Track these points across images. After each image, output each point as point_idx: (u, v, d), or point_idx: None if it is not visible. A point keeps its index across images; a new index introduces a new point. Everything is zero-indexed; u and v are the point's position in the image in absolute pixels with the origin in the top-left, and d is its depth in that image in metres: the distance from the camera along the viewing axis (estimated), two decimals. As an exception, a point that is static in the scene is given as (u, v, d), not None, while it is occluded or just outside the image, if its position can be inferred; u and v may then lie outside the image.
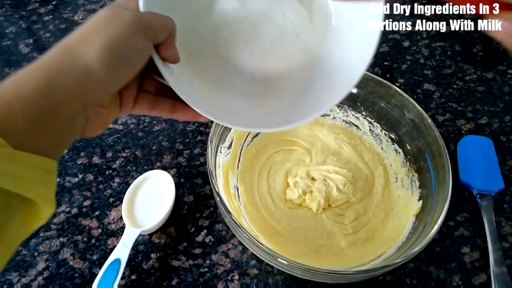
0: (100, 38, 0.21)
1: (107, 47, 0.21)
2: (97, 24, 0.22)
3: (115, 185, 0.48)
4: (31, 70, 0.21)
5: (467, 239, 0.44)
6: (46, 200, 0.20)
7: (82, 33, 0.22)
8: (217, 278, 0.40)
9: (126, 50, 0.22)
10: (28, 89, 0.20)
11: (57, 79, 0.21)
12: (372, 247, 0.41)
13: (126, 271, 0.41)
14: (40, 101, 0.20)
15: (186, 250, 0.42)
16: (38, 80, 0.20)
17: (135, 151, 0.51)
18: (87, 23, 0.23)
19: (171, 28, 0.25)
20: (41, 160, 0.20)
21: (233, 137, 0.46)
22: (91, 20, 0.23)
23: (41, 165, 0.20)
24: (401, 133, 0.46)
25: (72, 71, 0.21)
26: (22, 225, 0.20)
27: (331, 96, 0.30)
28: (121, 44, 0.22)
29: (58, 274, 0.40)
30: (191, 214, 0.45)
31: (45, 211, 0.21)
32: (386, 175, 0.47)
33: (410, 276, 0.41)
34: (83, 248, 0.42)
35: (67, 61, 0.21)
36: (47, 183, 0.20)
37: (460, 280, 0.41)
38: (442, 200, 0.37)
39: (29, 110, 0.19)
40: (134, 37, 0.22)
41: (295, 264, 0.32)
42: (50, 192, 0.21)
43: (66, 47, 0.22)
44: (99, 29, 0.22)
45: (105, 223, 0.44)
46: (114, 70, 0.22)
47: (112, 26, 0.22)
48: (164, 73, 0.26)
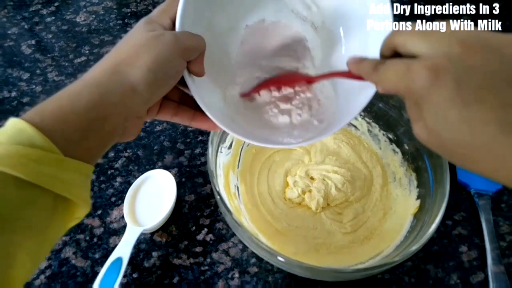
0: (145, 59, 0.24)
1: (151, 69, 0.24)
2: (140, 44, 0.24)
3: (117, 185, 0.48)
4: (85, 86, 0.23)
5: (465, 238, 0.44)
6: (84, 201, 0.23)
7: (128, 52, 0.24)
8: (217, 276, 0.41)
9: (167, 71, 0.25)
10: (82, 103, 0.22)
11: (107, 96, 0.23)
12: (370, 245, 0.42)
13: (128, 269, 0.41)
14: (91, 115, 0.22)
15: (187, 248, 0.43)
16: (91, 96, 0.22)
17: (137, 151, 0.52)
18: (129, 42, 0.25)
19: (202, 48, 0.27)
20: (84, 166, 0.22)
21: (234, 137, 0.47)
22: (133, 39, 0.25)
23: (83, 170, 0.22)
24: (399, 133, 0.47)
25: (120, 90, 0.23)
26: (61, 224, 0.23)
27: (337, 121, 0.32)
28: (163, 66, 0.24)
29: (60, 272, 0.41)
30: (192, 213, 0.46)
31: (81, 211, 0.23)
32: (384, 174, 0.48)
33: (408, 274, 0.41)
34: (85, 247, 0.43)
35: (116, 79, 0.23)
36: (85, 186, 0.23)
37: (458, 278, 0.41)
38: (440, 200, 0.37)
39: (81, 122, 0.22)
40: (174, 60, 0.25)
41: (295, 262, 0.32)
42: (87, 194, 0.23)
43: (114, 65, 0.24)
44: (143, 50, 0.24)
45: (107, 222, 0.45)
46: (155, 89, 0.25)
47: (155, 48, 0.24)
48: (190, 84, 0.28)
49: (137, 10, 0.74)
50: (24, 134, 0.20)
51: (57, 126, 0.21)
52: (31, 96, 0.59)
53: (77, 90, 0.23)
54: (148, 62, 0.24)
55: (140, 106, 0.25)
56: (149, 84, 0.24)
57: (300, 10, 0.34)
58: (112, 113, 0.23)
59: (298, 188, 0.45)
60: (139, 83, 0.24)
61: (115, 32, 0.70)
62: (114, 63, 0.24)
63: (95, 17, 0.73)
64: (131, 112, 0.24)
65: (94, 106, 0.22)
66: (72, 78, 0.61)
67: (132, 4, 0.76)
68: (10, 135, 0.20)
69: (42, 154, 0.20)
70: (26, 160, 0.19)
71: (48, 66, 0.63)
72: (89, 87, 0.23)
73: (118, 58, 0.24)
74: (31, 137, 0.20)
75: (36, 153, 0.20)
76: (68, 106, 0.22)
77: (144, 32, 0.25)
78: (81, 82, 0.23)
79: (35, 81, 0.61)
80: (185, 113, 0.30)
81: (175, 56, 0.25)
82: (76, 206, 0.23)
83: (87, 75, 0.24)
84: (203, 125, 0.31)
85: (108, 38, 0.68)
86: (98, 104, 0.22)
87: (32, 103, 0.58)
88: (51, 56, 0.65)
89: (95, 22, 0.72)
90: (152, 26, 0.26)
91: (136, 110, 0.25)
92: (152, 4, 0.76)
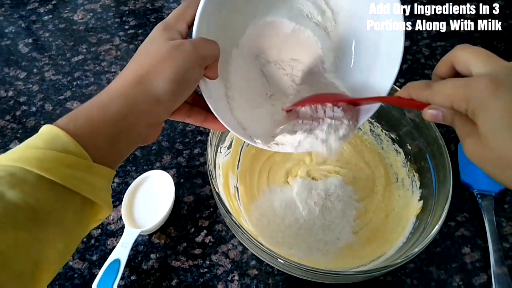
0: (168, 71, 0.25)
1: (173, 80, 0.25)
2: (162, 54, 0.25)
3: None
4: (112, 97, 0.24)
5: (467, 239, 0.44)
6: (107, 204, 0.24)
7: (151, 62, 0.25)
8: (217, 279, 0.40)
9: (187, 80, 0.26)
10: (110, 115, 0.24)
11: (134, 107, 0.25)
12: (372, 247, 0.41)
13: (126, 271, 0.40)
14: (119, 124, 0.24)
15: (186, 250, 0.42)
16: (119, 108, 0.24)
17: (135, 151, 0.51)
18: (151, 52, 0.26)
19: (217, 54, 0.29)
20: (109, 172, 0.24)
21: (233, 137, 0.46)
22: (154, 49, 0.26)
23: (108, 175, 0.24)
24: (401, 133, 0.46)
25: (146, 100, 0.25)
26: (85, 224, 0.24)
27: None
28: (184, 76, 0.26)
29: (58, 274, 0.40)
30: (191, 215, 0.45)
31: (103, 213, 0.25)
32: (386, 175, 0.47)
33: (410, 276, 0.41)
34: (83, 249, 0.42)
35: (141, 90, 0.25)
36: (108, 190, 0.25)
37: (461, 280, 0.41)
38: (443, 200, 0.37)
39: (110, 131, 0.24)
40: (194, 69, 0.26)
41: (295, 264, 0.32)
42: (109, 197, 0.25)
43: (139, 77, 0.25)
44: (165, 61, 0.25)
45: (104, 223, 0.44)
46: (177, 97, 0.27)
47: (177, 59, 0.25)
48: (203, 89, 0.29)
49: (135, 8, 0.74)
50: (59, 140, 0.22)
51: (88, 135, 0.23)
52: (28, 95, 0.58)
53: (106, 101, 0.24)
54: (171, 74, 0.25)
55: (163, 114, 0.27)
56: (173, 94, 0.26)
57: (314, 14, 0.34)
58: (137, 122, 0.25)
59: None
60: (163, 94, 0.25)
61: (112, 31, 0.69)
62: (139, 74, 0.25)
63: (93, 15, 0.72)
64: (155, 120, 0.26)
65: (122, 117, 0.24)
66: (69, 77, 0.61)
67: (130, 2, 0.75)
68: (46, 141, 0.22)
69: (74, 160, 0.22)
70: (60, 164, 0.21)
71: (45, 65, 0.62)
72: (117, 98, 0.24)
73: (141, 69, 0.25)
74: (65, 143, 0.22)
75: (70, 159, 0.21)
76: (98, 117, 0.24)
77: (164, 42, 0.26)
78: (108, 93, 0.25)
79: (32, 80, 0.60)
80: (197, 114, 0.32)
81: (194, 65, 0.26)
82: (100, 208, 0.24)
83: (112, 86, 0.25)
84: (215, 126, 0.32)
85: (106, 37, 0.68)
86: (126, 114, 0.24)
87: (29, 103, 0.57)
88: (48, 54, 0.64)
89: (92, 20, 0.71)
90: (170, 34, 0.27)
91: (159, 117, 0.27)
92: (150, 2, 0.75)
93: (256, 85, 0.35)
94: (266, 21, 0.33)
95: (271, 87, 0.35)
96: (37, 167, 0.20)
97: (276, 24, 0.33)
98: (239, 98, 0.33)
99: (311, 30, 0.33)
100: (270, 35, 0.33)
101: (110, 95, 0.25)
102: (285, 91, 0.35)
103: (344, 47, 0.34)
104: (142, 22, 0.71)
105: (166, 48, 0.26)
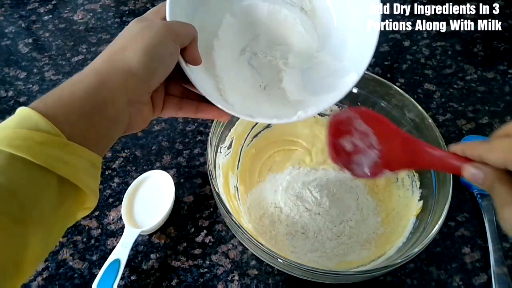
0: (139, 44, 0.25)
1: (146, 52, 0.25)
2: (133, 33, 0.26)
3: (115, 185, 0.48)
4: (84, 74, 0.24)
5: (467, 239, 0.44)
6: (91, 190, 0.23)
7: (121, 42, 0.26)
8: (217, 279, 0.40)
9: (161, 53, 0.26)
10: (81, 89, 0.23)
11: (106, 79, 0.24)
12: (372, 247, 0.41)
13: (126, 271, 0.40)
14: (91, 98, 0.23)
15: (186, 250, 0.42)
16: (90, 82, 0.24)
17: (135, 151, 0.51)
18: (123, 34, 0.27)
19: (194, 34, 0.28)
20: (88, 153, 0.23)
21: (233, 137, 0.46)
22: (126, 31, 0.27)
23: (87, 156, 0.23)
24: (401, 133, 0.46)
25: (118, 72, 0.24)
26: (70, 212, 0.23)
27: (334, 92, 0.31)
28: (157, 48, 0.25)
29: (58, 274, 0.40)
30: (191, 215, 0.45)
31: (89, 201, 0.24)
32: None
33: (410, 276, 0.41)
34: (83, 249, 0.42)
35: (113, 65, 0.25)
36: (93, 175, 0.23)
37: (461, 280, 0.41)
38: (443, 200, 0.37)
39: (83, 107, 0.23)
40: (166, 43, 0.26)
41: (295, 264, 0.32)
42: (95, 184, 0.24)
43: (110, 54, 0.25)
44: (137, 38, 0.25)
45: (104, 223, 0.44)
46: (152, 70, 0.26)
47: (148, 34, 0.25)
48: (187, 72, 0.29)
49: (135, 8, 0.74)
50: (30, 119, 0.21)
51: (59, 112, 0.22)
52: (28, 95, 0.58)
53: (77, 79, 0.24)
54: (141, 45, 0.25)
55: (141, 88, 0.26)
56: (146, 65, 0.25)
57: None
58: (113, 97, 0.24)
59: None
60: (136, 65, 0.25)
61: (112, 31, 0.69)
62: (110, 53, 0.25)
63: (93, 15, 0.72)
64: (133, 96, 0.25)
65: (94, 91, 0.23)
66: (69, 77, 0.60)
67: (130, 2, 0.75)
68: (17, 121, 0.21)
69: (46, 137, 0.21)
70: (31, 142, 0.20)
71: (45, 65, 0.62)
72: (88, 75, 0.24)
73: (113, 48, 0.26)
74: (36, 122, 0.21)
75: (41, 136, 0.21)
76: (68, 93, 0.23)
77: (135, 24, 0.27)
78: (80, 73, 0.25)
79: (32, 80, 0.60)
80: (189, 105, 0.31)
81: (166, 39, 0.26)
82: (85, 195, 0.23)
83: (88, 66, 0.25)
84: (209, 114, 0.31)
85: (106, 37, 0.68)
86: (97, 88, 0.23)
87: (29, 103, 0.57)
88: (48, 54, 0.64)
89: (92, 20, 0.71)
90: (144, 22, 0.27)
91: (137, 93, 0.26)
92: (150, 2, 0.75)
93: (247, 78, 0.35)
94: (241, 6, 0.33)
95: (263, 78, 0.35)
96: (8, 145, 0.20)
97: (252, 9, 0.33)
98: (231, 91, 0.33)
99: (287, 9, 0.33)
100: (248, 23, 0.33)
101: (82, 73, 0.24)
102: (277, 77, 0.35)
103: (325, 23, 0.34)
104: (142, 22, 0.71)
105: (138, 27, 0.26)
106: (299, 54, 0.34)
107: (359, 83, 0.31)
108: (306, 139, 0.50)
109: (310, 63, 0.35)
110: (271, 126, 0.50)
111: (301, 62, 0.35)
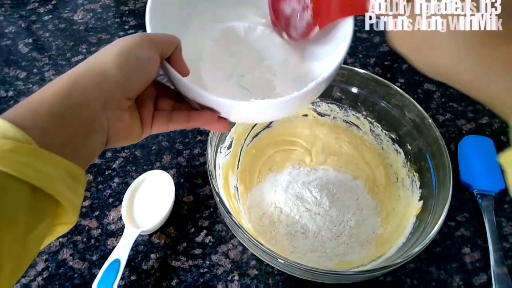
0: (112, 49, 0.25)
1: (120, 53, 0.25)
2: (113, 43, 0.26)
3: (115, 185, 0.48)
4: (56, 80, 0.23)
5: (467, 240, 0.44)
6: (67, 201, 0.21)
7: (100, 51, 0.26)
8: (217, 279, 0.40)
9: (137, 56, 0.25)
10: (51, 91, 0.22)
11: (78, 81, 0.23)
12: (372, 247, 0.41)
13: (126, 271, 0.40)
14: (62, 101, 0.22)
15: (186, 250, 0.42)
16: (61, 84, 0.23)
17: (135, 151, 0.51)
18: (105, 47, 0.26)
19: (176, 42, 0.28)
20: (64, 162, 0.21)
21: (233, 137, 0.46)
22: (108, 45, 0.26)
23: (64, 166, 0.21)
24: (401, 133, 0.46)
25: (90, 74, 0.24)
26: (44, 226, 0.21)
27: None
28: (131, 51, 0.25)
29: (58, 274, 0.40)
30: (191, 215, 0.45)
31: (68, 216, 0.22)
32: (387, 175, 0.47)
33: (410, 276, 0.41)
34: (83, 249, 0.42)
35: (86, 67, 0.24)
36: (71, 188, 0.22)
37: (461, 280, 0.41)
38: (443, 200, 0.37)
39: (53, 110, 0.22)
40: (142, 47, 0.25)
41: (295, 264, 0.32)
42: (74, 197, 0.22)
43: (86, 61, 0.25)
44: (112, 45, 0.26)
45: (104, 223, 0.44)
46: (127, 72, 0.25)
47: (124, 41, 0.26)
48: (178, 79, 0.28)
49: (135, 8, 0.74)
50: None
51: (27, 117, 0.21)
52: (28, 95, 0.57)
53: (48, 84, 0.23)
54: (115, 49, 0.25)
55: (116, 91, 0.24)
56: (121, 66, 0.24)
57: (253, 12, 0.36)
58: (86, 98, 0.23)
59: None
60: (109, 66, 0.24)
61: (112, 31, 0.69)
62: (87, 60, 0.25)
63: (93, 15, 0.72)
64: (109, 100, 0.24)
65: (65, 93, 0.22)
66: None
67: (130, 2, 0.75)
68: None
69: (15, 144, 0.19)
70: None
71: (45, 65, 0.62)
72: (59, 80, 0.23)
73: (90, 58, 0.25)
74: (4, 130, 0.20)
75: (10, 144, 0.19)
76: (37, 97, 0.22)
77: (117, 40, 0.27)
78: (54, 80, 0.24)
79: (32, 80, 0.60)
80: (179, 116, 0.30)
81: (143, 44, 0.25)
82: (62, 209, 0.22)
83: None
84: (200, 121, 0.30)
85: (106, 37, 0.68)
86: (68, 89, 0.22)
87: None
88: (48, 54, 0.64)
89: (92, 20, 0.71)
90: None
91: (113, 96, 0.24)
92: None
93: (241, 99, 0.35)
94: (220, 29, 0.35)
95: (257, 96, 0.35)
96: None
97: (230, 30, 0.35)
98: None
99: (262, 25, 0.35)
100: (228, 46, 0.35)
101: (55, 79, 0.23)
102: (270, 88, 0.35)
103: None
104: (142, 22, 0.71)
105: (115, 40, 0.26)
106: (285, 65, 0.35)
107: (359, 83, 0.31)
108: (306, 139, 0.50)
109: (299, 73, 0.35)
110: (271, 126, 0.50)
111: (289, 73, 0.35)
